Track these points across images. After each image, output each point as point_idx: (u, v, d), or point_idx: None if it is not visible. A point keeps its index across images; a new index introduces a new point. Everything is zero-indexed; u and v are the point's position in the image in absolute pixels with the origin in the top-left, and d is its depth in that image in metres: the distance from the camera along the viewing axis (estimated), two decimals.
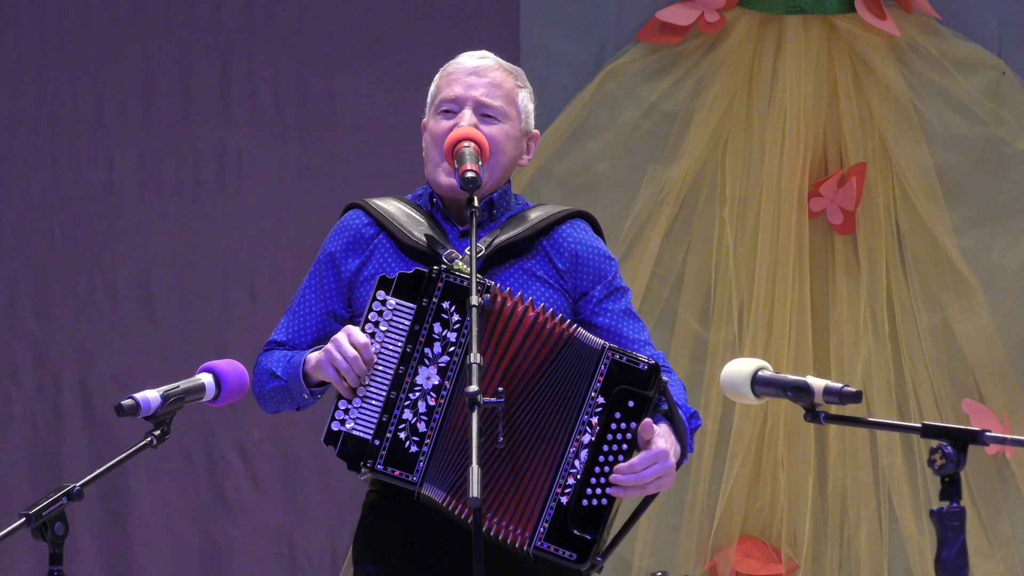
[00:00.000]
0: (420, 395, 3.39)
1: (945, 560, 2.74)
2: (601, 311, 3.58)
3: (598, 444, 3.35)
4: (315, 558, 5.60)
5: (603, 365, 3.37)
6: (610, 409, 3.36)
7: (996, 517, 5.54)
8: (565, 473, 3.35)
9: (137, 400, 3.14)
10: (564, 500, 3.34)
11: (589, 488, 3.35)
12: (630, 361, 3.37)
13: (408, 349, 3.40)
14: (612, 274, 3.62)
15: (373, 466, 3.37)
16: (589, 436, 3.36)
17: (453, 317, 3.40)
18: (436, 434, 3.38)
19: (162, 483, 5.60)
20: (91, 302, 5.63)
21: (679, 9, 5.60)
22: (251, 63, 5.67)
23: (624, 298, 3.62)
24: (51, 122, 5.65)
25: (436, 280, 3.41)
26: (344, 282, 3.62)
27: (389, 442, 3.38)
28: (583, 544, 3.34)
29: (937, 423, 2.85)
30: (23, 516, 2.95)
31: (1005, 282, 5.61)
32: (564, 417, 3.37)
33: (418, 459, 3.37)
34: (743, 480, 5.53)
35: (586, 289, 3.59)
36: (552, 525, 3.34)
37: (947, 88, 5.62)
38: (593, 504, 3.35)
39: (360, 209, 3.66)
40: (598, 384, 3.37)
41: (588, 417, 3.36)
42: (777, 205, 5.58)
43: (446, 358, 3.40)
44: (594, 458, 3.35)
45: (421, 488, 3.37)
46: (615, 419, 3.36)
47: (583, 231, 3.65)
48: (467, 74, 3.63)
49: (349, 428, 3.40)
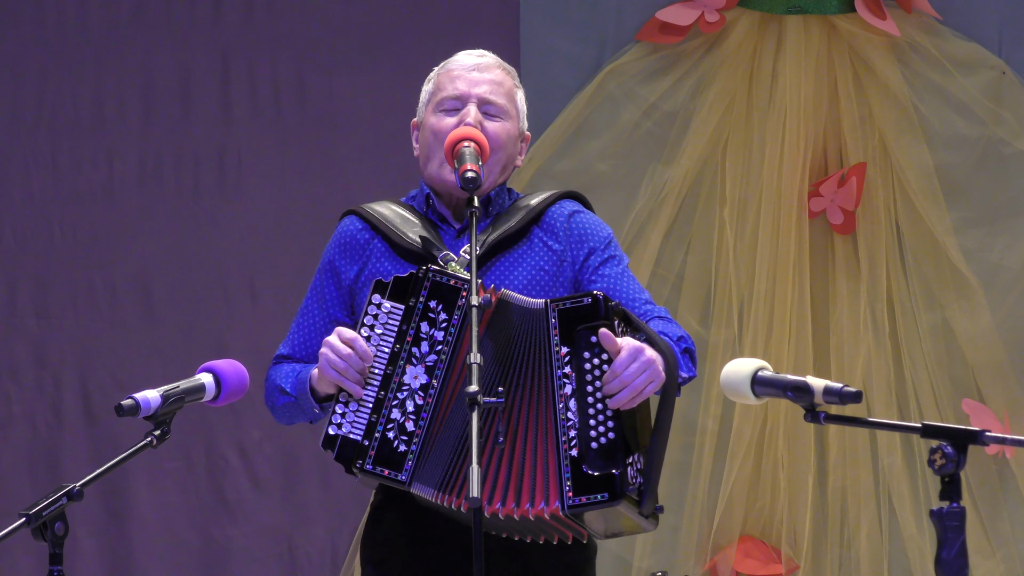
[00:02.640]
0: (408, 394, 3.40)
1: (945, 560, 2.74)
2: (598, 277, 3.58)
3: (581, 388, 3.35)
4: (315, 558, 5.60)
5: (553, 318, 3.36)
6: (578, 352, 3.36)
7: (996, 517, 5.54)
8: (564, 429, 3.35)
9: (137, 400, 3.14)
10: (574, 453, 3.34)
11: (592, 431, 3.34)
12: (574, 303, 3.37)
13: (396, 349, 3.41)
14: (606, 242, 3.62)
15: (363, 466, 3.38)
16: (570, 386, 3.35)
17: (440, 316, 3.41)
18: (424, 432, 3.38)
19: (162, 483, 5.60)
20: (91, 302, 5.63)
21: (679, 9, 5.60)
22: (251, 63, 5.67)
23: (621, 263, 3.61)
24: (51, 122, 5.65)
25: (423, 280, 3.41)
26: (345, 290, 3.63)
27: (378, 442, 3.39)
28: (609, 480, 3.32)
29: (937, 423, 2.85)
30: (23, 516, 2.95)
31: (1005, 282, 5.60)
32: (541, 382, 3.36)
33: (407, 458, 3.38)
34: (743, 480, 5.53)
35: (583, 259, 3.59)
36: (575, 480, 3.33)
37: (947, 88, 5.62)
38: (602, 443, 3.34)
39: (355, 215, 3.66)
40: (555, 338, 3.36)
41: (560, 371, 3.36)
42: (777, 205, 5.58)
43: (433, 357, 3.40)
44: (583, 401, 3.35)
45: (411, 487, 3.38)
46: (585, 359, 3.35)
47: (573, 206, 3.65)
48: (469, 71, 3.64)
49: (346, 432, 3.41)
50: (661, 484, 5.56)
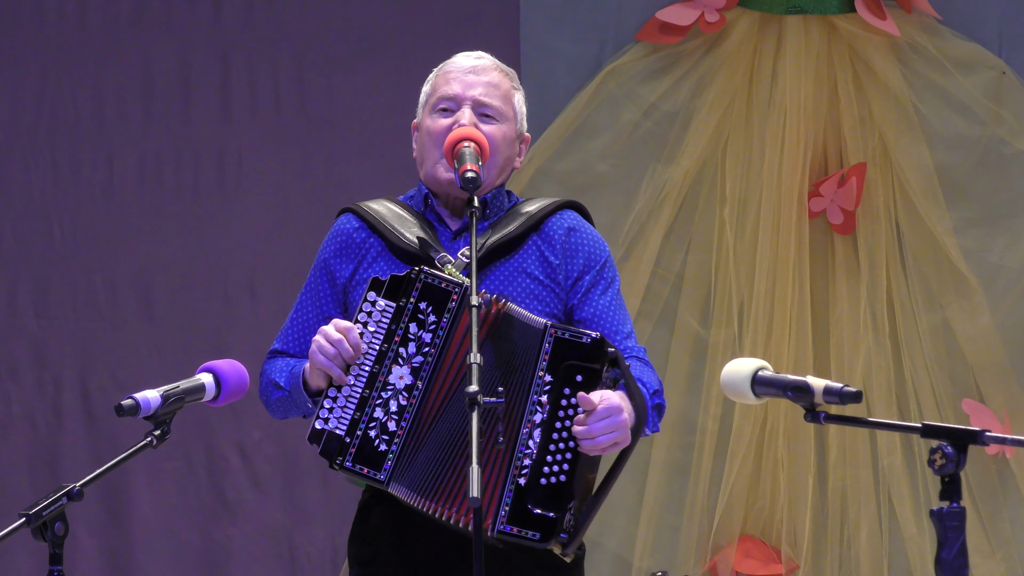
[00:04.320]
0: (392, 394, 3.40)
1: (945, 560, 2.74)
2: (587, 302, 3.58)
3: (550, 422, 3.36)
4: (315, 558, 5.60)
5: (547, 343, 3.37)
6: (558, 386, 3.36)
7: (996, 517, 5.54)
8: (520, 455, 3.35)
9: (137, 400, 3.14)
10: (522, 481, 3.34)
11: (546, 467, 3.35)
12: (573, 336, 3.37)
13: (384, 348, 3.42)
14: (601, 261, 3.62)
15: (343, 463, 3.39)
16: (540, 415, 3.36)
17: (429, 318, 3.42)
18: (405, 433, 3.39)
19: (162, 483, 5.60)
20: (91, 302, 5.63)
21: (679, 9, 5.60)
22: (251, 63, 5.67)
23: (611, 289, 3.61)
24: (51, 122, 5.65)
25: (415, 281, 3.42)
26: (339, 288, 3.63)
27: (359, 439, 3.39)
28: (545, 522, 3.33)
29: (937, 423, 2.85)
30: (23, 516, 2.95)
31: (1005, 282, 5.61)
32: (516, 399, 3.37)
33: (386, 457, 3.38)
34: (743, 480, 5.53)
35: (576, 277, 3.59)
36: (512, 508, 3.34)
37: (947, 88, 5.62)
38: (552, 482, 3.34)
39: (351, 213, 3.66)
40: (544, 363, 3.37)
41: (537, 396, 3.36)
42: (777, 205, 5.58)
43: (420, 358, 3.41)
44: (548, 436, 3.35)
45: (388, 487, 3.38)
46: (564, 395, 3.36)
47: (573, 219, 3.65)
48: (465, 73, 3.63)
49: (332, 427, 3.41)
50: (661, 484, 5.59)
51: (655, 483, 5.54)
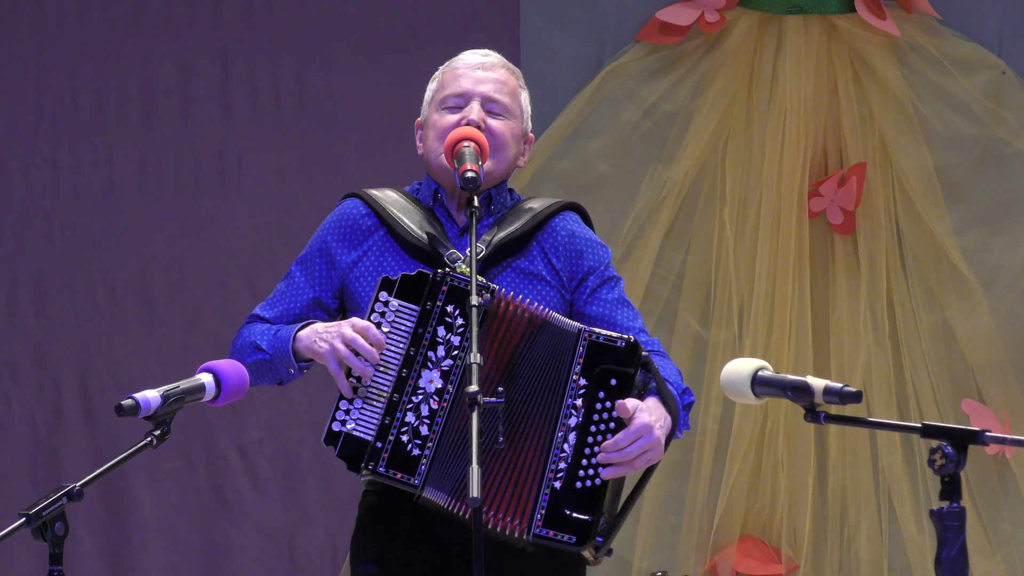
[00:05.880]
0: (423, 398, 3.40)
1: (945, 560, 2.74)
2: (594, 300, 3.58)
3: (585, 425, 3.36)
4: (315, 558, 5.60)
5: (581, 347, 3.38)
6: (593, 389, 3.37)
7: (996, 517, 5.54)
8: (556, 458, 3.36)
9: (137, 400, 3.14)
10: (557, 485, 3.35)
11: (581, 470, 3.35)
12: (607, 340, 3.38)
13: (412, 352, 3.40)
14: (604, 263, 3.63)
15: (375, 468, 3.38)
16: (575, 419, 3.37)
17: (457, 321, 3.41)
18: (438, 438, 3.38)
19: (162, 483, 5.60)
20: (91, 302, 5.62)
21: (679, 9, 5.60)
22: (251, 63, 5.67)
23: (617, 287, 3.62)
24: (51, 122, 5.65)
25: (441, 284, 3.41)
26: (337, 272, 3.62)
27: (391, 445, 3.38)
28: (582, 526, 3.34)
29: (937, 423, 2.85)
30: (23, 516, 2.94)
31: (1005, 282, 5.61)
32: (550, 403, 3.38)
33: (420, 462, 3.38)
34: (743, 480, 5.53)
35: (580, 279, 3.59)
36: (548, 511, 3.35)
37: (947, 88, 5.62)
38: (587, 485, 3.35)
39: (358, 199, 3.66)
40: (578, 366, 3.37)
41: (572, 400, 3.37)
42: (777, 205, 5.58)
43: (449, 361, 3.40)
44: (583, 440, 3.36)
45: (423, 491, 3.38)
46: (599, 399, 3.37)
47: (575, 223, 3.65)
48: (474, 69, 3.64)
49: (350, 429, 3.40)
50: (661, 484, 5.59)
51: (655, 483, 5.54)
